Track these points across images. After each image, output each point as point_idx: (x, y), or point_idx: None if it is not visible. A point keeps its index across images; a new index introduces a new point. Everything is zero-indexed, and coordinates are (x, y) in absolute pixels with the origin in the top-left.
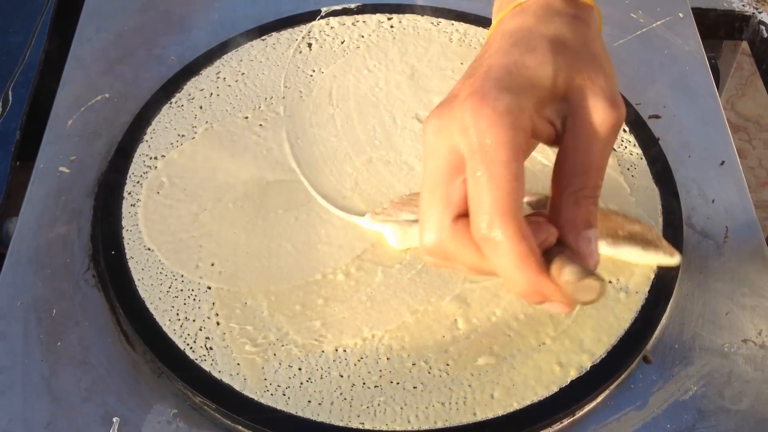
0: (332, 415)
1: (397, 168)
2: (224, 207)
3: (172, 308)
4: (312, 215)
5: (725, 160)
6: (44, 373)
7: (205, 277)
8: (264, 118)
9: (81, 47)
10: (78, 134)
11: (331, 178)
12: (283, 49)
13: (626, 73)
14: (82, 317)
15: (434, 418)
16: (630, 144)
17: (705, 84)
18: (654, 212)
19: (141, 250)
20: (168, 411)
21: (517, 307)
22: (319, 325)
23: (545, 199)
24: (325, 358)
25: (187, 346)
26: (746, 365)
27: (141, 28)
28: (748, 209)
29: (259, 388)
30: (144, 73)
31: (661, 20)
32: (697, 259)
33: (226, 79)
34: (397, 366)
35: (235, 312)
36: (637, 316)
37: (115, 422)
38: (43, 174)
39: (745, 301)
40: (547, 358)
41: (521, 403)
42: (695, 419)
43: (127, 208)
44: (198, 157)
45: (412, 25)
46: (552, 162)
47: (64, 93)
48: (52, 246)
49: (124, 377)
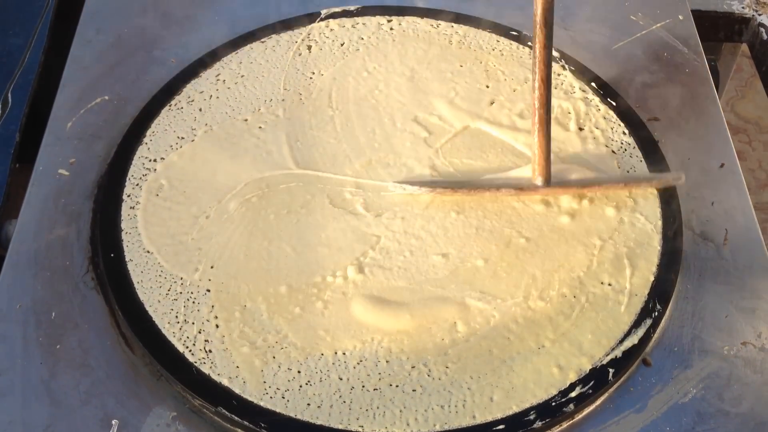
0: (331, 418)
1: (397, 170)
2: (224, 209)
3: (171, 311)
4: (312, 218)
5: (725, 163)
6: (43, 376)
7: (204, 280)
8: (264, 121)
9: (80, 49)
10: (77, 136)
11: (330, 180)
12: (283, 51)
13: (626, 75)
14: (82, 320)
15: (433, 421)
16: (630, 146)
17: (704, 86)
18: (654, 215)
19: (140, 252)
20: (167, 414)
21: (516, 310)
22: (318, 327)
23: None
24: (324, 361)
25: (186, 349)
26: (746, 368)
27: (141, 31)
28: (747, 212)
29: (259, 390)
30: (143, 75)
31: (661, 22)
32: (696, 262)
33: (225, 81)
34: (396, 369)
35: (235, 315)
36: (636, 319)
37: (114, 424)
38: (43, 176)
39: (744, 304)
40: (547, 361)
41: (520, 406)
42: (695, 422)
43: (126, 211)
44: (197, 159)
45: (411, 28)
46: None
47: (64, 95)
48: (52, 248)
49: (123, 380)
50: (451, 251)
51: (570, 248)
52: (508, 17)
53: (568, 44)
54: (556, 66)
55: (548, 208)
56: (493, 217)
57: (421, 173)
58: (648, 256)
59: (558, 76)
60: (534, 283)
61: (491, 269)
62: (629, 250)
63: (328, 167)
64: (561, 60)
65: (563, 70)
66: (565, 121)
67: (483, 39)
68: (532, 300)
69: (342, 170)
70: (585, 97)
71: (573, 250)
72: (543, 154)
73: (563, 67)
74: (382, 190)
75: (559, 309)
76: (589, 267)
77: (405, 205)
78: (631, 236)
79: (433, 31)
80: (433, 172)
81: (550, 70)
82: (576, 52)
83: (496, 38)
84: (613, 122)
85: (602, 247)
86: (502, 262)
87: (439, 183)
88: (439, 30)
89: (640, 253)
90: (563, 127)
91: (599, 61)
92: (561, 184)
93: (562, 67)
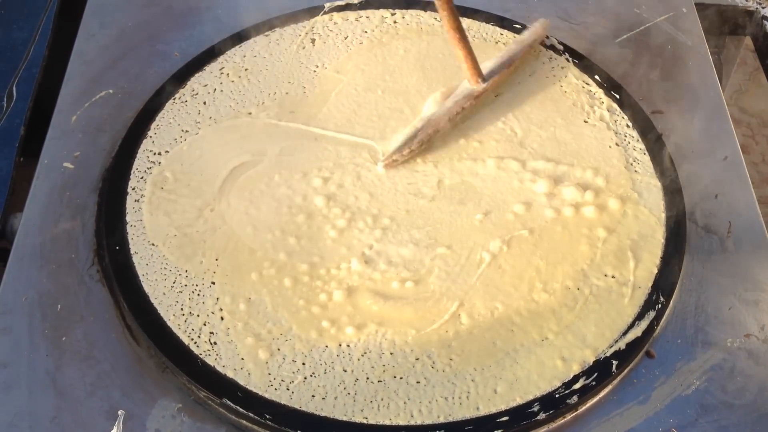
0: (336, 409)
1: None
2: (228, 202)
3: (176, 303)
4: (318, 217)
5: (728, 156)
6: (49, 368)
7: (209, 272)
8: (268, 114)
9: (85, 43)
10: (82, 130)
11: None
12: (287, 44)
13: (629, 68)
14: (87, 312)
15: (437, 413)
16: (633, 139)
17: (708, 79)
18: (657, 207)
19: (145, 245)
20: (172, 405)
21: (520, 302)
22: (322, 319)
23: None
24: (328, 352)
25: (192, 341)
26: (749, 360)
27: (144, 24)
28: (751, 205)
29: (263, 382)
30: (147, 68)
31: (665, 15)
32: (700, 255)
33: (229, 75)
34: (400, 361)
35: (239, 307)
36: (639, 311)
37: (120, 415)
38: (48, 170)
39: (747, 296)
40: (550, 353)
41: (524, 398)
42: (698, 414)
43: (131, 204)
44: (202, 152)
45: (415, 21)
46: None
47: (68, 89)
48: (57, 241)
49: (128, 372)
50: (454, 243)
51: (574, 240)
52: (513, 11)
53: (572, 37)
54: (560, 59)
55: (552, 199)
56: (497, 209)
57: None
58: (652, 249)
59: (562, 68)
60: (538, 276)
61: (496, 262)
62: (633, 243)
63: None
64: (565, 53)
65: (567, 62)
66: (570, 114)
67: (487, 32)
68: (536, 292)
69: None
70: (589, 90)
71: (577, 242)
72: (470, 63)
73: (567, 59)
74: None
75: (563, 301)
76: (593, 259)
77: (409, 195)
78: (634, 229)
79: (437, 25)
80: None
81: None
82: (580, 44)
83: (500, 31)
84: (617, 115)
85: (606, 239)
86: (507, 255)
87: (412, 138)
88: (442, 23)
89: (644, 245)
90: (567, 120)
91: (603, 54)
92: (491, 75)
93: (566, 60)
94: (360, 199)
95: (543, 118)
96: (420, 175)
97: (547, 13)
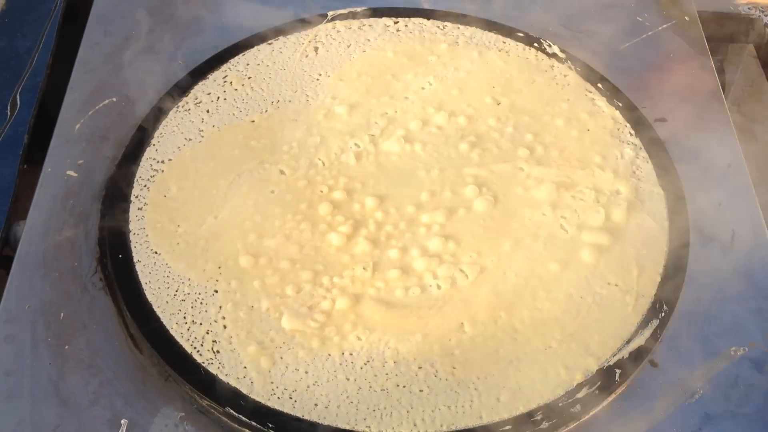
0: (339, 418)
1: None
2: (231, 211)
3: (179, 311)
4: (320, 225)
5: (731, 163)
6: (52, 376)
7: (212, 280)
8: (271, 122)
9: (88, 51)
10: (85, 138)
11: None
12: (290, 52)
13: (632, 76)
14: (90, 320)
15: (440, 422)
16: (636, 147)
17: (711, 87)
18: (660, 215)
19: (148, 253)
20: (175, 414)
21: (523, 310)
22: (325, 328)
23: None
24: (331, 361)
25: (194, 350)
26: (752, 368)
27: (148, 32)
28: (754, 212)
29: (266, 391)
30: (151, 77)
31: (667, 23)
32: (703, 263)
33: (233, 83)
34: (403, 369)
35: (242, 315)
36: (643, 319)
37: (123, 424)
38: (51, 177)
39: (751, 305)
40: (554, 361)
41: (527, 406)
42: (702, 423)
43: (134, 212)
44: (205, 160)
45: (418, 29)
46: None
47: (72, 97)
48: (60, 249)
49: (131, 380)
50: (458, 250)
51: (577, 248)
52: (515, 19)
53: (574, 45)
54: (563, 67)
55: (554, 207)
56: (501, 216)
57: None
58: (655, 257)
59: (565, 77)
60: (541, 284)
61: (500, 269)
62: (636, 251)
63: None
64: (567, 61)
65: (570, 70)
66: (572, 122)
67: (490, 40)
68: (539, 300)
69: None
70: (591, 98)
71: (579, 250)
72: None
73: (570, 67)
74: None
75: (566, 309)
76: (596, 267)
77: (414, 206)
78: (638, 237)
79: (440, 33)
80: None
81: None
82: (582, 53)
83: (502, 39)
84: (620, 123)
85: (609, 247)
86: (510, 263)
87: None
88: (445, 31)
89: (647, 254)
90: (569, 128)
91: (606, 62)
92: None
93: (568, 68)
94: (364, 206)
95: (545, 126)
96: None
97: (549, 21)
